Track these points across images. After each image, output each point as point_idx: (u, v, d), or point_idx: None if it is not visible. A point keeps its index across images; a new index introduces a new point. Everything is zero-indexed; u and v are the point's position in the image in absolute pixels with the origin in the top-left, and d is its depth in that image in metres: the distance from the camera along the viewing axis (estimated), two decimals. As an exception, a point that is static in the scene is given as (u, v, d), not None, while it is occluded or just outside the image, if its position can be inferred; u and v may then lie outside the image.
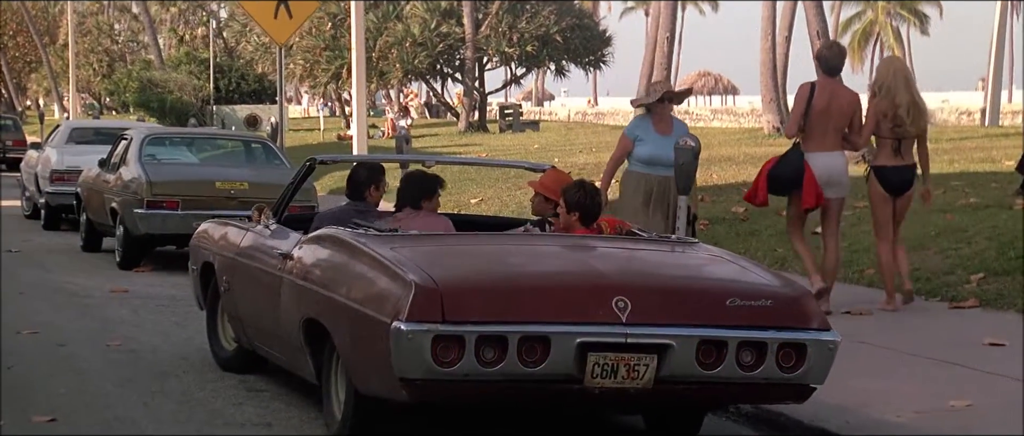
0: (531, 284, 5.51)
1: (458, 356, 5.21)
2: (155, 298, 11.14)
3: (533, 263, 5.83)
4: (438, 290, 5.26)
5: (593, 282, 5.50)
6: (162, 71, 50.96)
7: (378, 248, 5.77)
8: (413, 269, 5.42)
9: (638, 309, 5.37)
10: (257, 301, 7.00)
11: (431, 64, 41.67)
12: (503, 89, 50.39)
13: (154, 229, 12.89)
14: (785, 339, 5.47)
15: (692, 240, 6.43)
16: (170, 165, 14.02)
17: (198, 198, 12.87)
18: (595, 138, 34.90)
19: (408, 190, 7.08)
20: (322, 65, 42.16)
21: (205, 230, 8.18)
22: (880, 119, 9.50)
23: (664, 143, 9.32)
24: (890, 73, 9.60)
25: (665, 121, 9.61)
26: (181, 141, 15.16)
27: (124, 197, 13.25)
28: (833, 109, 9.50)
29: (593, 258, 5.85)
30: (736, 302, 5.49)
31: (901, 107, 9.45)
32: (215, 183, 12.99)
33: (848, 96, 9.66)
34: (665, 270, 5.92)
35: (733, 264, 6.06)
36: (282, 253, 6.63)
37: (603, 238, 6.43)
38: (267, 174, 13.67)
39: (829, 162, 9.53)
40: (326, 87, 43.99)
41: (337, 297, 5.80)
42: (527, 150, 29.73)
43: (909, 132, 9.52)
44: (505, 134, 39.61)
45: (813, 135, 9.52)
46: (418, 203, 7.04)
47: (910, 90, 9.53)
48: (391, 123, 40.44)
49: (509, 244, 6.22)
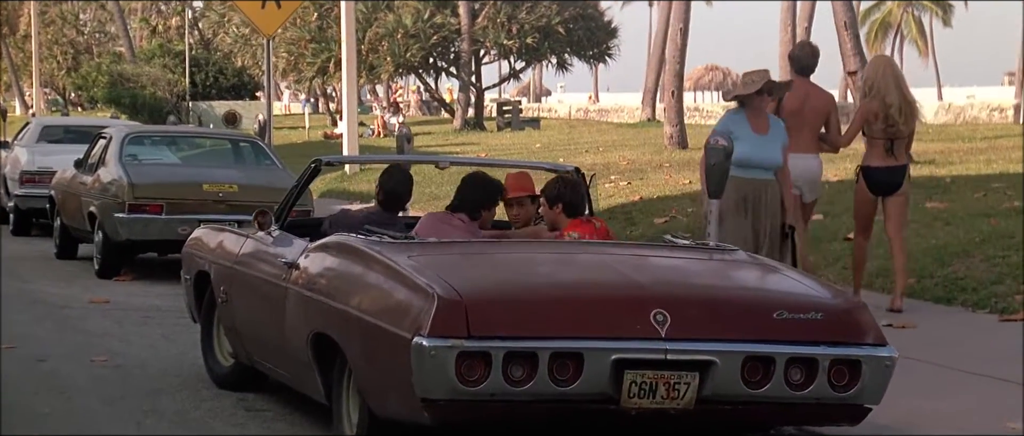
0: (563, 296, 5.48)
1: (484, 374, 5.17)
2: (139, 309, 11.10)
3: (564, 273, 5.80)
4: (462, 302, 5.22)
5: (629, 293, 5.46)
6: (133, 64, 50.87)
7: (395, 257, 5.74)
8: (435, 279, 5.38)
9: (678, 323, 5.34)
10: (259, 314, 6.96)
11: (424, 57, 41.64)
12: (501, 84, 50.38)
13: (136, 235, 12.85)
14: (838, 355, 5.43)
15: (731, 247, 6.40)
16: (153, 166, 13.97)
17: (184, 201, 12.82)
18: (600, 136, 34.90)
19: (470, 194, 6.99)
20: (307, 58, 42.12)
21: (199, 237, 8.15)
22: (871, 120, 9.83)
23: (761, 143, 8.85)
24: (879, 72, 9.91)
25: (762, 117, 9.00)
26: (164, 140, 15.11)
27: (103, 200, 13.21)
28: (807, 110, 9.86)
29: (628, 267, 5.81)
30: (784, 315, 5.45)
31: (893, 107, 9.76)
32: (202, 185, 12.95)
33: (822, 97, 10.04)
34: (706, 280, 5.89)
35: (778, 273, 6.03)
36: (287, 262, 6.60)
37: (637, 245, 6.42)
38: (258, 176, 13.64)
39: (803, 164, 9.77)
40: (311, 82, 43.90)
41: (350, 310, 5.75)
42: (529, 150, 29.71)
43: (902, 132, 9.85)
44: (503, 132, 39.59)
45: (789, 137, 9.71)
46: (478, 211, 6.99)
47: (901, 89, 9.84)
48: (381, 121, 40.38)
49: (536, 252, 6.21)
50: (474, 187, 7.05)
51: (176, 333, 9.81)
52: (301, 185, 7.37)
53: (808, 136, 9.89)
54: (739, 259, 6.23)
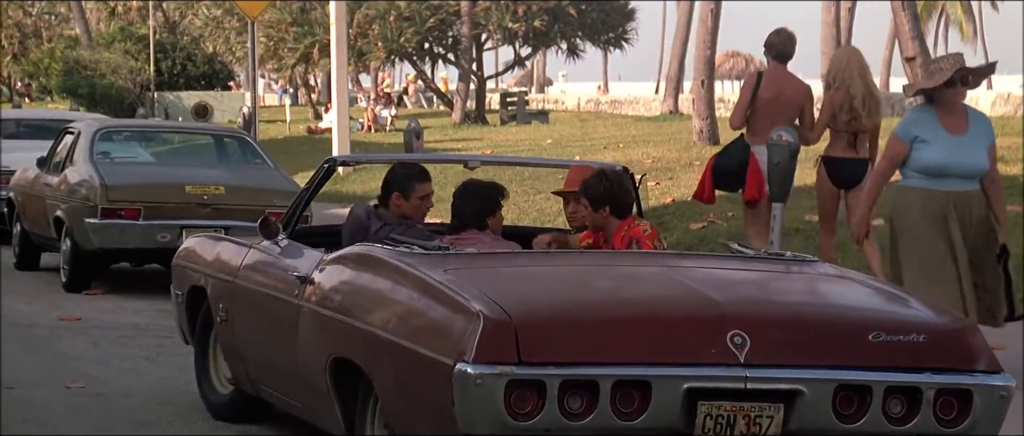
0: (626, 315, 5.36)
1: (537, 406, 5.07)
2: (116, 327, 11.02)
3: (626, 288, 5.70)
4: (512, 323, 5.11)
5: (703, 312, 5.34)
6: (91, 50, 50.73)
7: (430, 271, 5.64)
8: (479, 297, 5.27)
9: (760, 346, 5.23)
10: (266, 335, 6.88)
11: (420, 42, 41.55)
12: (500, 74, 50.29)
13: (110, 243, 12.78)
14: (945, 384, 5.31)
15: (809, 258, 6.28)
16: (128, 165, 13.90)
17: (164, 205, 12.77)
18: (617, 131, 34.76)
19: (468, 205, 6.94)
20: (289, 43, 42.04)
21: (193, 247, 8.08)
22: (836, 111, 10.36)
23: (959, 146, 8.24)
24: (844, 63, 10.46)
25: (957, 113, 8.32)
26: (140, 136, 15.08)
27: (72, 204, 13.13)
28: (782, 100, 10.45)
29: (698, 281, 5.70)
30: (881, 337, 5.33)
31: (856, 98, 10.29)
32: (184, 187, 12.88)
33: (799, 87, 10.65)
34: (789, 296, 5.78)
35: (869, 288, 5.92)
36: (300, 276, 6.50)
37: (700, 255, 6.30)
38: (247, 176, 13.59)
39: None
40: (293, 70, 43.83)
41: (378, 332, 5.65)
42: (539, 146, 29.61)
43: (865, 125, 10.39)
44: (508, 127, 39.47)
45: (760, 127, 10.40)
46: (484, 221, 6.92)
47: (865, 81, 10.38)
48: (371, 113, 40.29)
49: (590, 264, 6.10)
50: (469, 197, 6.99)
51: (161, 355, 9.76)
52: (313, 188, 7.30)
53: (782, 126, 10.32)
54: (823, 271, 6.11)
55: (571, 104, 57.81)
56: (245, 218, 12.51)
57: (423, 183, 7.33)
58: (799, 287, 5.92)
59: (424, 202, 7.31)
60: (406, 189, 7.28)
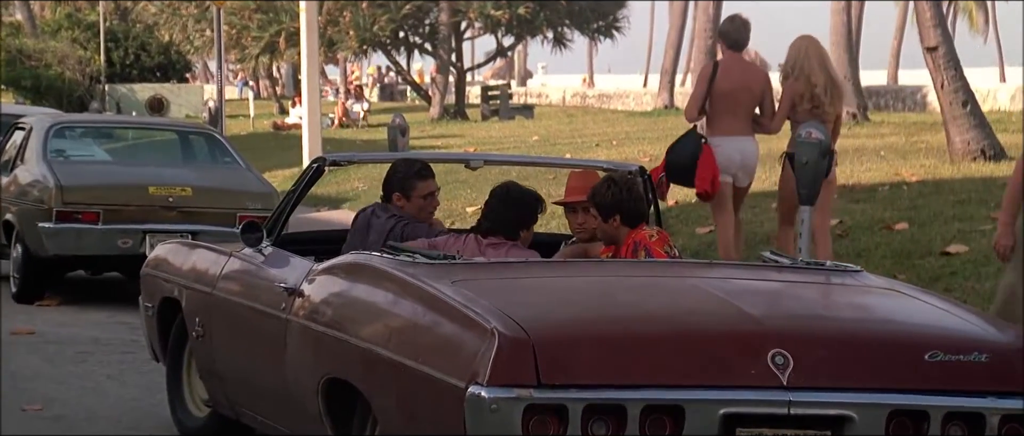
0: (656, 332, 5.26)
1: (559, 433, 4.97)
2: (73, 342, 10.91)
3: (654, 302, 5.59)
4: (530, 341, 5.01)
5: (741, 329, 5.24)
6: (36, 38, 50.48)
7: (435, 282, 5.53)
8: (493, 312, 5.16)
9: (804, 367, 5.12)
10: (248, 352, 6.80)
11: (394, 31, 41.44)
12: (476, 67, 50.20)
13: (65, 249, 12.70)
14: (1011, 409, 5.19)
15: (852, 268, 6.18)
16: (86, 164, 13.82)
17: (125, 208, 12.70)
18: (609, 127, 34.73)
19: (504, 211, 6.80)
20: (252, 32, 41.91)
21: (165, 255, 8.01)
22: (797, 101, 10.83)
23: None
24: (802, 52, 10.92)
25: None
26: (97, 132, 14.98)
27: (23, 207, 13.05)
28: (741, 90, 10.93)
29: (733, 294, 5.59)
30: (938, 356, 5.22)
31: (818, 87, 10.76)
32: (148, 188, 12.82)
33: (757, 75, 11.17)
34: (835, 311, 5.67)
35: (920, 301, 5.80)
36: (288, 287, 6.40)
37: (731, 265, 6.20)
38: (216, 176, 13.53)
39: (739, 147, 10.96)
40: (257, 60, 43.70)
41: (379, 350, 5.53)
42: (525, 143, 29.61)
43: (829, 114, 10.83)
44: (490, 122, 39.48)
45: (719, 118, 10.94)
46: (517, 231, 6.79)
47: (826, 69, 10.89)
48: (341, 108, 40.18)
49: (613, 275, 6.01)
50: (509, 202, 6.86)
51: (124, 373, 9.68)
52: (300, 190, 7.21)
53: (742, 117, 10.96)
54: (869, 283, 6.02)
55: (555, 98, 57.73)
56: (215, 222, 12.52)
57: (425, 180, 7.25)
58: (844, 300, 5.82)
59: (428, 201, 7.23)
60: (407, 188, 7.21)
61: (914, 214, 14.35)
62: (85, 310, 12.56)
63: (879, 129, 26.52)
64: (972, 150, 18.27)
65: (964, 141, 18.41)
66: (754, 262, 6.40)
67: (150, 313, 7.96)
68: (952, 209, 14.36)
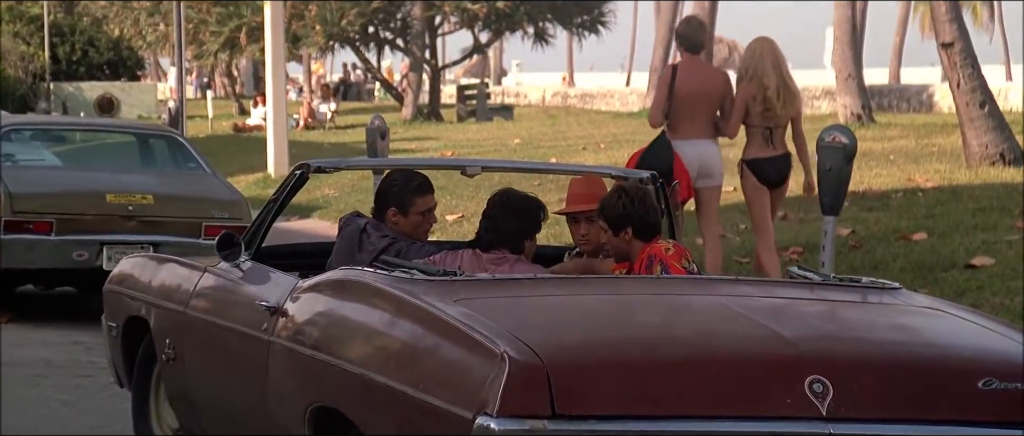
0: (682, 357, 5.13)
1: (575, 469, 4.87)
2: (25, 364, 10.83)
3: (678, 323, 5.49)
4: (544, 367, 4.88)
5: (775, 354, 5.12)
6: (-26, 34, 50.28)
7: (437, 302, 5.42)
8: (502, 335, 5.03)
9: (845, 396, 5.00)
10: (225, 377, 6.73)
11: (363, 26, 41.35)
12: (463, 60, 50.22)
13: (15, 262, 12.63)
14: (1075, 443, 5.09)
15: (891, 284, 6.07)
16: (38, 170, 13.78)
17: (81, 218, 12.63)
18: (594, 129, 34.74)
19: (506, 221, 6.73)
20: (211, 26, 41.80)
21: (130, 270, 7.98)
22: (750, 104, 11.36)
23: None
24: (757, 54, 11.44)
25: None
26: (49, 135, 14.92)
27: (-31, 216, 12.97)
28: (701, 92, 11.45)
29: (763, 314, 5.47)
30: (994, 384, 5.10)
31: (770, 89, 11.27)
32: (105, 196, 12.76)
33: (717, 77, 11.77)
34: (878, 333, 5.53)
35: (969, 322, 5.70)
36: (269, 306, 6.31)
37: (762, 282, 6.12)
38: (180, 183, 13.50)
39: (700, 151, 11.43)
40: (216, 57, 43.59)
41: (374, 376, 5.41)
42: (506, 147, 29.63)
43: (780, 118, 11.38)
44: (467, 124, 39.45)
45: (680, 122, 11.39)
46: (521, 243, 6.72)
47: (779, 71, 11.37)
48: (307, 108, 40.08)
49: (631, 293, 5.90)
50: (510, 212, 6.79)
51: (81, 398, 9.62)
52: (282, 199, 7.14)
53: (702, 120, 11.44)
54: (911, 302, 5.92)
55: (534, 97, 57.75)
56: (178, 232, 12.51)
57: (424, 196, 7.17)
58: (886, 321, 5.71)
59: (425, 218, 7.14)
60: (404, 203, 7.12)
61: (932, 223, 14.32)
62: (37, 329, 12.47)
63: (886, 131, 26.51)
64: (990, 154, 18.21)
65: (982, 144, 18.34)
66: (782, 279, 6.27)
67: (114, 333, 7.91)
68: (973, 218, 14.31)
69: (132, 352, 7.74)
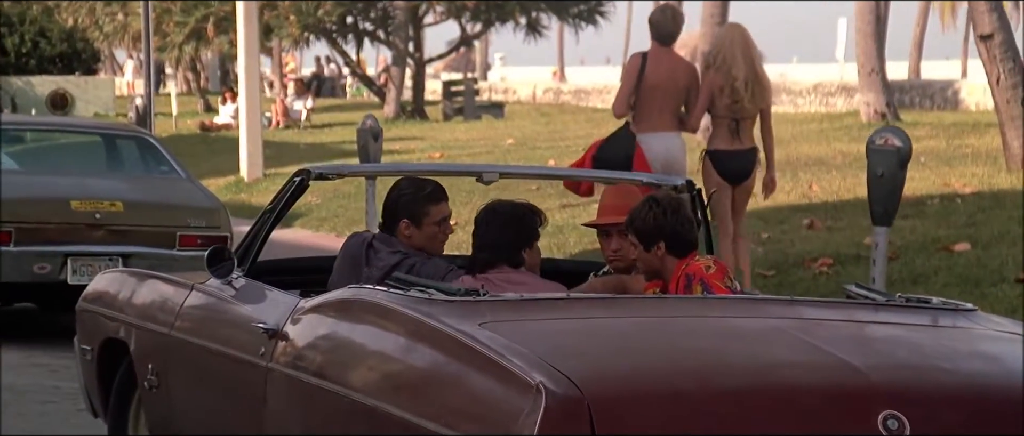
0: (738, 389, 5.04)
1: (621, 514, 4.80)
2: (-18, 389, 10.85)
3: (729, 350, 5.36)
4: (584, 400, 4.80)
5: (843, 385, 5.02)
6: (-88, 23, 50.19)
7: (460, 325, 5.32)
8: (535, 363, 4.94)
9: (924, 433, 4.91)
10: (216, 407, 6.72)
11: (342, 17, 41.29)
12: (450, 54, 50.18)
13: (-30, 276, 12.67)
14: None
15: (965, 306, 5.99)
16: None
17: (42, 227, 12.66)
18: (593, 128, 34.58)
19: (497, 234, 6.65)
20: (176, 16, 41.74)
21: (107, 286, 7.98)
22: (716, 95, 11.77)
23: None
24: (726, 42, 11.84)
25: None
26: (5, 135, 14.86)
27: (-80, 226, 12.97)
28: (670, 84, 11.92)
29: (826, 340, 5.36)
30: (1090, 420, 5.02)
31: (738, 80, 11.65)
32: (69, 202, 12.76)
33: (686, 69, 12.24)
34: (957, 362, 5.42)
35: (1056, 348, 5.59)
36: (268, 328, 6.27)
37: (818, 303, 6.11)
38: (151, 188, 13.53)
39: (666, 144, 11.89)
40: (181, 49, 43.53)
41: (387, 408, 5.32)
42: (499, 148, 29.64)
43: (748, 110, 11.76)
44: (454, 122, 39.41)
45: (646, 114, 11.86)
46: (518, 255, 6.64)
47: (750, 61, 11.73)
48: (280, 106, 40.02)
49: (672, 315, 5.80)
50: (499, 223, 6.71)
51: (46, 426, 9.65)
52: (279, 209, 7.08)
53: (669, 113, 11.94)
54: (989, 326, 5.82)
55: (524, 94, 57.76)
56: (150, 243, 12.51)
57: (438, 204, 7.09)
58: (965, 348, 5.60)
59: (440, 229, 7.05)
60: (418, 213, 7.02)
61: (974, 232, 14.23)
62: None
63: (914, 131, 26.36)
64: None
65: None
66: (839, 299, 6.14)
67: (88, 357, 7.88)
68: (1020, 226, 14.19)
69: (109, 378, 7.69)
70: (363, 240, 7.03)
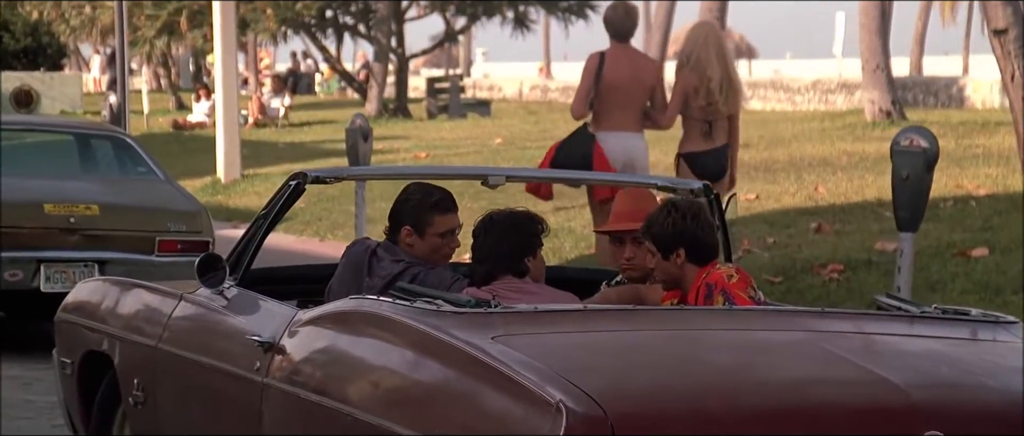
0: (771, 407, 5.02)
1: None
2: (-49, 403, 10.85)
3: (759, 365, 5.34)
4: (607, 419, 4.79)
5: (883, 403, 5.01)
6: None
7: (472, 339, 5.29)
8: (554, 380, 4.91)
9: None
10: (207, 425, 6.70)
11: (321, 11, 41.31)
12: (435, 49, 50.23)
13: (-63, 284, 12.66)
14: None
15: (1007, 318, 5.97)
16: (-40, 176, 13.85)
17: (14, 232, 12.60)
18: (583, 127, 34.69)
19: (498, 244, 6.61)
20: (147, 9, 41.73)
21: (88, 296, 7.97)
22: (690, 96, 11.97)
23: None
24: (700, 41, 12.03)
25: None
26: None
27: None
28: (630, 82, 12.09)
29: (865, 356, 5.35)
30: None
31: (713, 81, 11.89)
32: (43, 206, 12.75)
33: (647, 66, 12.47)
34: (1002, 378, 5.38)
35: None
36: (263, 341, 6.25)
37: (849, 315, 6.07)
38: (129, 190, 13.51)
39: (626, 144, 12.10)
40: (152, 44, 43.51)
41: (394, 427, 5.29)
42: (487, 147, 29.69)
43: (721, 112, 12.01)
44: (439, 120, 39.48)
45: (607, 113, 12.05)
46: (522, 264, 6.57)
47: (724, 63, 12.02)
48: (257, 103, 40.02)
49: (696, 328, 5.76)
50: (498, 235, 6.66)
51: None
52: (274, 214, 7.05)
53: (631, 112, 12.10)
54: None
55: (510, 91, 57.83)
56: (128, 248, 12.49)
57: (445, 214, 7.00)
58: (1010, 364, 5.53)
59: (446, 240, 6.99)
60: (421, 222, 6.95)
61: (991, 237, 14.20)
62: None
63: (921, 130, 26.49)
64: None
65: None
66: (871, 310, 6.09)
67: (68, 371, 7.83)
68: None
69: (90, 393, 7.66)
70: (367, 248, 6.99)
